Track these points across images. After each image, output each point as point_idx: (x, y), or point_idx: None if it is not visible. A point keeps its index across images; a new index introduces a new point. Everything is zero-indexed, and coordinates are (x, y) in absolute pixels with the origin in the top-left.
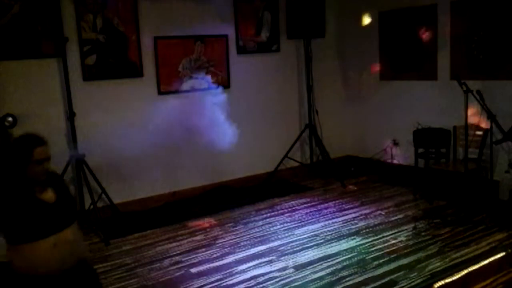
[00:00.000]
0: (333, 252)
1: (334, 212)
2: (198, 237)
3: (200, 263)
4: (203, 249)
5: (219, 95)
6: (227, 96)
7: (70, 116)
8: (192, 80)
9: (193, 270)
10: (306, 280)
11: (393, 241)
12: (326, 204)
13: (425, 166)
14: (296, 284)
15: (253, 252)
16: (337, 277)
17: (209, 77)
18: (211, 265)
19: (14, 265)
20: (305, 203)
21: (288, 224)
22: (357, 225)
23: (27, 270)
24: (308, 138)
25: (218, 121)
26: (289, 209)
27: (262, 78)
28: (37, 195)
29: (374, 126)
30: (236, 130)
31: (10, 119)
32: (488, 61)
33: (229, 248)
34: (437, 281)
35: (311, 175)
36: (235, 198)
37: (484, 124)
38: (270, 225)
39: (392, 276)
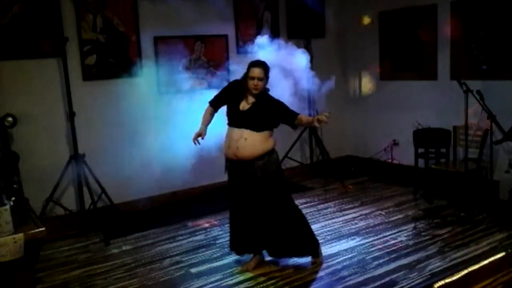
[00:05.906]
0: (333, 252)
1: (334, 212)
2: (198, 237)
3: (200, 263)
4: (203, 249)
5: None
6: None
7: (70, 116)
8: (192, 80)
9: (193, 270)
10: (306, 280)
11: (393, 241)
12: (326, 204)
13: (425, 166)
14: (296, 284)
15: None
16: (337, 277)
17: (209, 77)
18: (211, 265)
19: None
20: (305, 203)
21: None
22: (357, 225)
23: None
24: (308, 138)
25: (218, 120)
26: None
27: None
28: (240, 102)
29: (374, 126)
30: None
31: (10, 119)
32: (488, 61)
33: (229, 248)
34: (437, 281)
35: (311, 175)
36: None
37: (484, 125)
38: None
39: (392, 276)
